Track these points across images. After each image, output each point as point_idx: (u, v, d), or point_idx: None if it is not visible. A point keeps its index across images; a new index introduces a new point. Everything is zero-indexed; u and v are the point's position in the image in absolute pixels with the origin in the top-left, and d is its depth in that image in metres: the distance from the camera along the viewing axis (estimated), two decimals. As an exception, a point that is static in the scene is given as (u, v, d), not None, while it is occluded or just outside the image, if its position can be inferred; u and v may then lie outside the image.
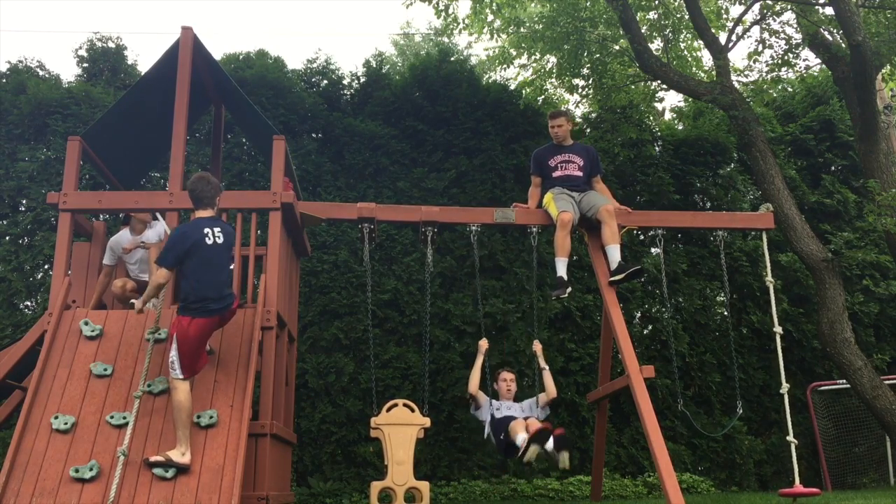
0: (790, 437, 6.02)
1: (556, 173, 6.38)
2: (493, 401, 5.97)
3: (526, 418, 5.69)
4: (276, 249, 5.63)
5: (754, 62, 9.70)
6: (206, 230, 4.76)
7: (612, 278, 6.00)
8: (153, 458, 4.47)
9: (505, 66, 10.94)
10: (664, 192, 9.98)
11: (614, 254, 6.03)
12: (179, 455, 4.48)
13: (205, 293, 4.67)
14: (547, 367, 6.14)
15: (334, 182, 9.34)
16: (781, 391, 6.11)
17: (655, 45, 10.20)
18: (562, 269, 6.09)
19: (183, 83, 6.04)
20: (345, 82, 10.30)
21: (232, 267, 5.14)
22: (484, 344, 6.09)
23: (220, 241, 4.78)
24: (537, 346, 6.22)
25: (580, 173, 6.38)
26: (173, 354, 4.64)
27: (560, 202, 6.16)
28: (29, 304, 8.68)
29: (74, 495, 4.37)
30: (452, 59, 10.61)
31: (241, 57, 10.03)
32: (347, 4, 35.07)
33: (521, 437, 5.39)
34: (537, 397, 6.04)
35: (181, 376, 4.62)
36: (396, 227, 9.01)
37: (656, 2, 9.92)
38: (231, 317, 4.95)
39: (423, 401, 6.02)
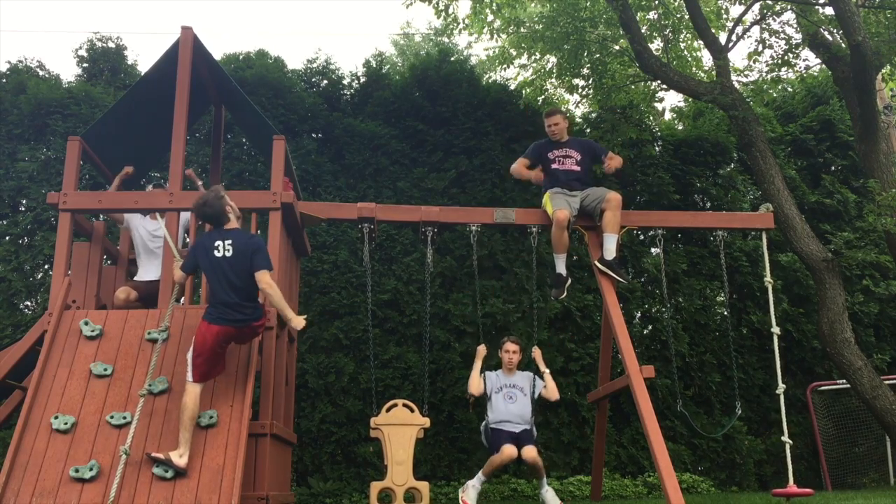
0: (785, 437, 6.09)
1: (555, 165, 6.45)
2: (492, 375, 6.14)
3: (518, 433, 5.92)
4: (276, 249, 5.62)
5: (754, 62, 9.69)
6: (217, 242, 4.86)
7: (599, 265, 6.08)
8: (155, 454, 4.49)
9: (505, 66, 10.93)
10: (664, 192, 9.97)
11: (610, 244, 6.12)
12: (177, 457, 4.49)
13: (218, 301, 4.77)
14: (548, 371, 6.27)
15: (334, 182, 9.33)
16: (777, 392, 6.14)
17: (655, 45, 10.18)
18: (561, 266, 6.24)
19: (183, 83, 6.04)
20: (345, 82, 10.30)
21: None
22: (482, 350, 6.21)
23: (228, 253, 4.82)
24: (536, 353, 6.34)
25: (578, 168, 6.43)
26: (189, 355, 4.73)
27: (555, 201, 6.25)
28: (29, 304, 8.67)
29: (74, 495, 4.37)
30: (452, 59, 10.60)
31: (241, 57, 10.02)
32: (347, 4, 35.09)
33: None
34: (534, 378, 6.15)
35: (191, 379, 4.67)
36: (396, 227, 9.00)
37: (656, 2, 9.91)
38: (253, 333, 4.96)
39: (422, 401, 6.03)
